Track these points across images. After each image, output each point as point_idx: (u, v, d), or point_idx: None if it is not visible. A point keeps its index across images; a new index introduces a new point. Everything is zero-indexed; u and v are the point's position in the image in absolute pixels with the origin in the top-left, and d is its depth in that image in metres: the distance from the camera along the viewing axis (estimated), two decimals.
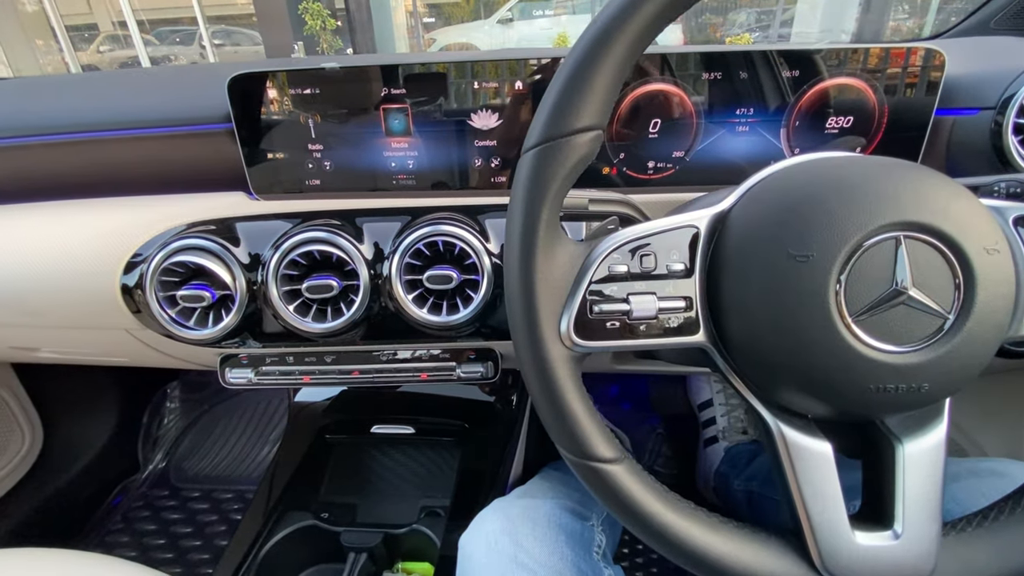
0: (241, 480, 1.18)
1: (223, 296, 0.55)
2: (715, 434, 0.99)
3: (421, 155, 0.57)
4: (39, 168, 0.65)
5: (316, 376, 0.62)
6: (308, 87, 0.55)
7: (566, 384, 0.32)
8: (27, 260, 0.59)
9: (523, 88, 0.53)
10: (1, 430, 1.02)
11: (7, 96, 0.69)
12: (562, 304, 0.33)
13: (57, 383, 1.09)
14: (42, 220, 0.62)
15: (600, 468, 0.32)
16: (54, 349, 0.69)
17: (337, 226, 0.54)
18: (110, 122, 0.62)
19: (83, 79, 0.75)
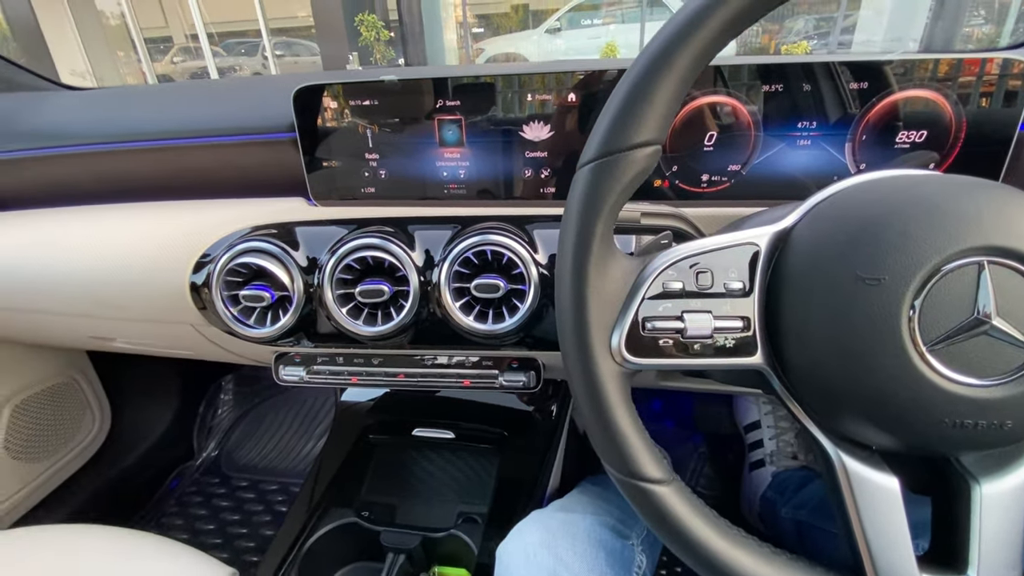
0: (286, 473, 1.23)
1: (281, 297, 0.57)
2: (762, 457, 0.95)
3: (472, 165, 0.58)
4: (122, 172, 0.70)
5: (363, 377, 0.64)
6: (367, 99, 0.57)
7: (615, 401, 0.32)
8: (109, 256, 0.64)
9: (575, 100, 0.53)
10: (75, 413, 1.10)
11: (95, 105, 0.76)
12: (614, 319, 0.33)
13: (125, 372, 1.17)
14: (123, 220, 0.67)
15: (648, 489, 0.32)
16: (127, 340, 0.75)
17: (390, 233, 0.56)
18: (184, 131, 0.66)
19: (161, 90, 0.81)
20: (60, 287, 0.65)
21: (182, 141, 0.66)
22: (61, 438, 1.06)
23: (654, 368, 0.33)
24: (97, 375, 1.13)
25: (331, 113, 0.58)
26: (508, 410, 0.81)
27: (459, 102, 0.56)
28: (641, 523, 0.61)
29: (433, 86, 0.55)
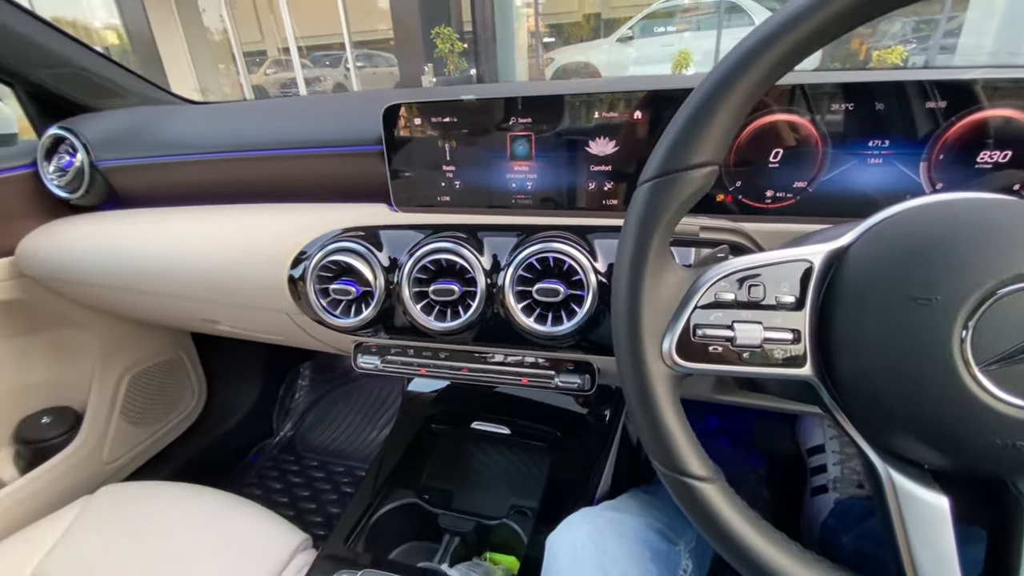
0: (352, 456, 1.32)
1: (365, 292, 0.64)
2: (825, 483, 0.92)
3: (539, 177, 0.62)
4: (234, 177, 0.80)
5: (431, 369, 0.70)
6: (447, 116, 0.62)
7: (664, 400, 0.35)
8: (222, 249, 0.74)
9: (640, 118, 0.56)
10: (178, 387, 1.25)
11: (211, 119, 0.87)
12: (666, 325, 0.35)
13: (220, 354, 1.31)
14: (234, 218, 0.77)
15: (692, 484, 0.34)
16: (231, 324, 0.85)
17: (462, 238, 0.61)
18: (286, 143, 0.75)
19: (266, 106, 0.91)
20: (180, 274, 0.76)
21: (284, 152, 0.75)
22: (166, 408, 1.21)
23: (702, 372, 0.35)
24: (198, 355, 1.28)
25: (414, 128, 0.64)
26: (563, 411, 0.84)
27: (530, 119, 0.60)
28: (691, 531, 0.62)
29: (506, 104, 0.60)
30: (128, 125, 0.88)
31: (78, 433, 1.01)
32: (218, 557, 0.71)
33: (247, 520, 0.77)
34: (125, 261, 0.80)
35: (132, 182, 0.87)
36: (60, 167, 0.87)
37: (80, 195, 0.86)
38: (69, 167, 0.85)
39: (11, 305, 0.89)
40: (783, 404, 0.62)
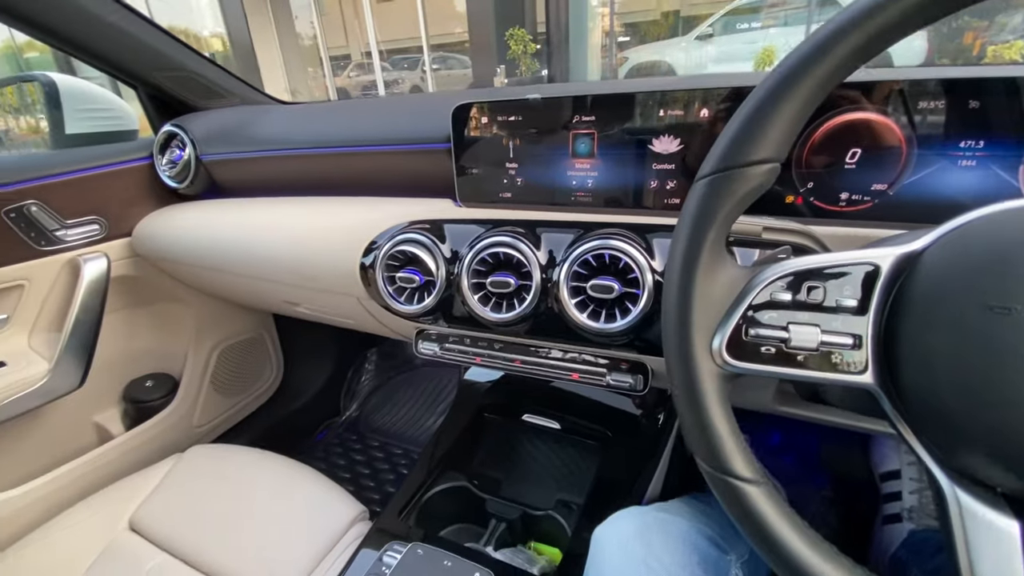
0: (410, 440, 1.38)
1: (427, 281, 0.67)
2: (899, 512, 0.85)
3: (601, 175, 0.62)
4: (317, 171, 0.87)
5: (485, 359, 0.72)
6: (513, 114, 0.65)
7: (711, 397, 0.34)
8: (304, 237, 0.80)
9: (706, 116, 0.55)
10: (259, 363, 1.36)
11: (299, 118, 0.95)
12: (717, 322, 0.35)
13: (296, 336, 1.41)
14: (315, 209, 0.84)
15: (736, 485, 0.34)
16: (309, 306, 0.92)
17: (520, 233, 0.63)
18: (363, 140, 0.81)
19: (346, 106, 0.98)
20: (267, 258, 0.84)
21: (361, 148, 0.81)
22: (248, 381, 1.33)
23: (753, 373, 0.34)
24: (278, 336, 1.39)
25: (481, 126, 0.67)
26: (615, 411, 0.84)
27: (593, 117, 0.61)
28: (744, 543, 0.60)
29: (570, 102, 0.61)
30: (228, 123, 0.98)
31: (174, 397, 1.13)
32: (285, 518, 0.77)
33: (313, 488, 0.83)
34: (220, 245, 0.90)
35: (229, 174, 0.96)
36: (171, 160, 0.98)
37: (186, 185, 0.97)
38: (179, 160, 0.96)
39: (126, 280, 1.02)
40: (850, 420, 0.59)
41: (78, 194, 0.92)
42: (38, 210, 0.87)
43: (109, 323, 0.97)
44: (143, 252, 1.00)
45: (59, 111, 0.96)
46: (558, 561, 0.71)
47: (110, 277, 0.96)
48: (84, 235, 0.94)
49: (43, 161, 0.89)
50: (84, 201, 0.93)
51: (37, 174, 0.87)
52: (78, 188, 0.92)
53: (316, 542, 0.74)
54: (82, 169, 0.92)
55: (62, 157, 0.92)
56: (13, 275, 0.87)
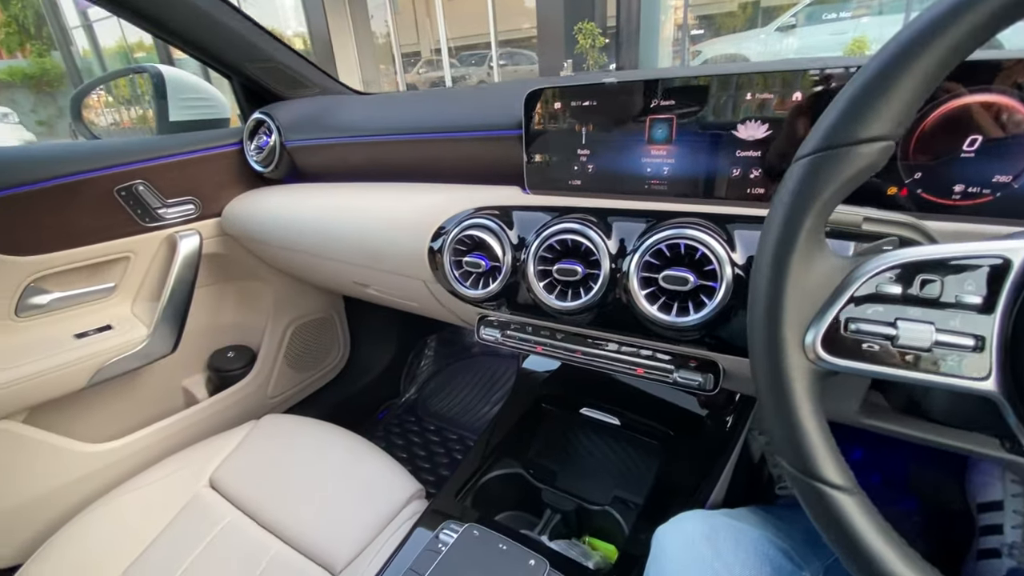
0: (464, 427, 1.41)
1: (493, 267, 0.68)
2: (997, 547, 0.76)
3: (678, 162, 0.60)
4: (389, 158, 0.90)
5: (546, 348, 0.71)
6: (587, 99, 0.63)
7: (800, 395, 0.32)
8: (376, 220, 0.83)
9: (799, 99, 0.51)
10: (328, 342, 1.43)
11: (374, 107, 0.98)
12: (811, 315, 0.32)
13: (363, 318, 1.47)
14: (387, 194, 0.86)
15: (826, 492, 0.31)
16: (378, 288, 0.96)
17: (591, 220, 0.61)
18: (434, 127, 0.82)
19: (419, 95, 1.01)
20: (342, 240, 0.87)
21: (432, 136, 0.82)
22: (317, 358, 1.40)
23: (851, 371, 0.32)
24: (346, 318, 1.46)
25: (553, 112, 0.66)
26: (679, 410, 0.81)
27: (673, 101, 0.58)
28: (822, 559, 0.55)
29: (648, 86, 0.59)
30: (310, 111, 1.03)
31: (252, 369, 1.21)
32: (348, 490, 0.81)
33: (374, 464, 0.86)
34: (300, 227, 0.94)
35: (310, 160, 1.01)
36: (259, 146, 1.04)
37: (271, 169, 1.03)
38: (265, 146, 1.02)
39: (215, 258, 1.10)
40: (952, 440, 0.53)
41: (178, 176, 1.00)
42: (144, 189, 0.96)
43: (198, 297, 1.05)
44: (231, 231, 1.08)
45: (164, 100, 1.05)
46: (613, 558, 0.70)
47: (202, 254, 1.04)
48: (181, 214, 1.02)
49: (149, 145, 0.98)
50: (182, 182, 1.01)
51: (144, 156, 0.96)
52: (178, 170, 1.00)
53: (375, 515, 0.76)
54: (182, 153, 1.00)
55: (165, 142, 1.00)
56: (122, 248, 0.96)
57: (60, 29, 12.91)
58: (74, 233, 0.89)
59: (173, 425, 1.07)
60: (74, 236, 0.89)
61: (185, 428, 1.08)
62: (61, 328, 0.92)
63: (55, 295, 0.91)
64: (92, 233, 0.91)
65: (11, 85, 12.48)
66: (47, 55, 13.81)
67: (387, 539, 0.73)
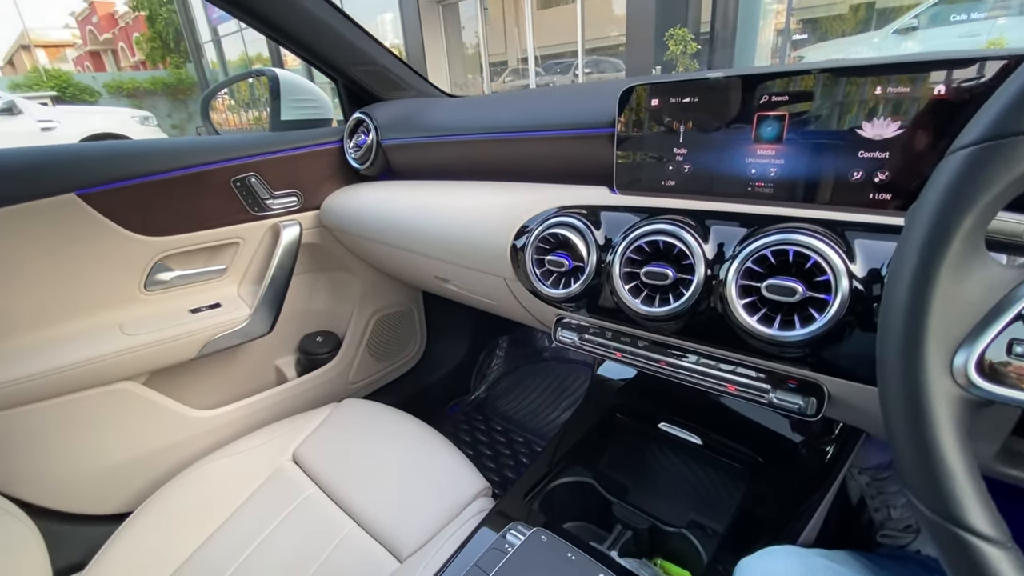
0: (531, 431, 1.39)
1: (576, 267, 0.66)
2: None
3: (788, 163, 0.55)
4: (476, 157, 0.91)
5: (626, 355, 0.68)
6: (688, 96, 0.60)
7: (944, 425, 0.27)
8: (461, 217, 0.84)
9: (945, 93, 0.45)
10: (406, 335, 1.48)
11: (465, 108, 1.00)
12: (964, 334, 0.28)
13: (440, 314, 1.51)
14: (472, 192, 0.87)
15: (974, 543, 0.26)
16: (457, 283, 0.97)
17: (686, 223, 0.58)
18: (522, 126, 0.82)
19: (506, 96, 1.01)
20: (428, 234, 0.90)
21: (518, 134, 0.82)
22: (395, 349, 1.45)
23: (1015, 403, 0.26)
24: (424, 312, 1.50)
25: (649, 109, 0.63)
26: (768, 433, 0.74)
27: (785, 97, 0.54)
28: None
29: (758, 81, 0.54)
30: (405, 111, 1.08)
31: (337, 354, 1.28)
32: (418, 479, 0.82)
33: (445, 457, 0.87)
34: (390, 221, 0.98)
35: (403, 158, 1.05)
36: (357, 144, 1.10)
37: (367, 167, 1.09)
38: (363, 144, 1.08)
39: (311, 248, 1.18)
40: None
41: (284, 170, 1.08)
42: (256, 181, 1.04)
43: (295, 283, 1.13)
44: (327, 223, 1.15)
45: (278, 100, 1.14)
46: None
47: (301, 243, 1.11)
48: (285, 205, 1.10)
49: (262, 140, 1.07)
50: (288, 176, 1.09)
51: (257, 151, 1.04)
52: (285, 165, 1.08)
53: (442, 508, 0.77)
54: (289, 148, 1.08)
55: (276, 138, 1.09)
56: (233, 233, 1.05)
57: (194, 44, 14.66)
58: (196, 218, 0.99)
59: (264, 400, 1.15)
60: (195, 220, 0.99)
61: (274, 404, 1.16)
62: (179, 303, 1.02)
63: (176, 273, 1.01)
64: (210, 218, 1.01)
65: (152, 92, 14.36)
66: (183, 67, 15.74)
67: (452, 533, 0.74)
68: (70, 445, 0.90)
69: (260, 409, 1.14)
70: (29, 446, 0.87)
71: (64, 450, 0.90)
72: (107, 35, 26.21)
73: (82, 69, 25.15)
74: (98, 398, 0.92)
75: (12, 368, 0.82)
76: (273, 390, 1.17)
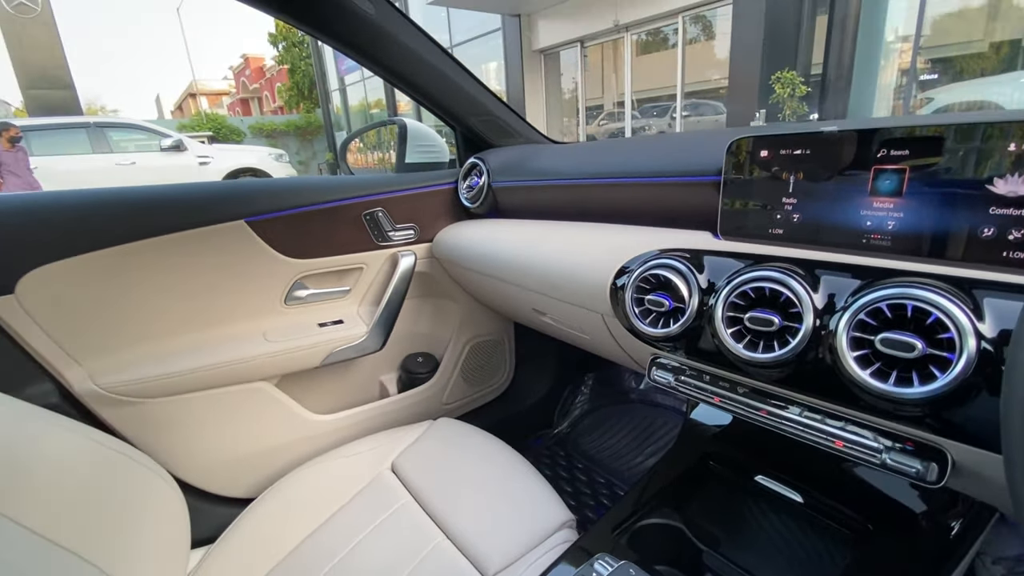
0: (613, 472, 1.38)
1: (676, 308, 0.68)
2: None
3: (908, 216, 0.54)
4: (581, 199, 0.97)
5: (724, 400, 0.68)
6: (800, 148, 0.61)
7: None
8: (563, 254, 0.90)
9: None
10: (496, 363, 1.54)
11: (570, 154, 1.07)
12: None
13: (529, 347, 1.56)
14: (576, 232, 0.93)
15: None
16: (553, 317, 1.02)
17: (795, 271, 0.58)
18: (625, 172, 0.87)
19: (608, 143, 1.08)
20: (531, 269, 0.96)
21: (623, 180, 0.87)
22: (485, 376, 1.52)
23: None
24: (515, 344, 1.56)
25: (758, 160, 0.65)
26: (882, 498, 0.69)
27: (906, 151, 0.54)
28: None
29: (877, 134, 0.55)
30: (514, 157, 1.18)
31: (434, 375, 1.38)
32: (505, 502, 0.86)
33: (532, 484, 0.90)
34: (494, 255, 1.07)
35: (509, 199, 1.14)
36: (470, 185, 1.22)
37: (477, 206, 1.19)
38: (475, 186, 1.19)
39: (422, 276, 1.29)
40: None
41: (406, 206, 1.22)
42: (382, 215, 1.18)
43: (404, 307, 1.25)
44: (438, 255, 1.26)
45: (404, 146, 1.30)
46: None
47: (414, 271, 1.23)
48: (404, 237, 1.23)
49: (389, 180, 1.21)
50: (408, 212, 1.23)
51: (385, 189, 1.19)
52: (407, 202, 1.22)
53: (528, 532, 0.80)
54: (411, 188, 1.22)
55: (401, 178, 1.23)
56: (359, 260, 1.19)
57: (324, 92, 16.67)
58: (331, 244, 1.14)
59: (368, 411, 1.26)
60: (330, 247, 1.15)
61: (376, 416, 1.27)
62: (310, 317, 1.17)
63: (310, 291, 1.17)
64: (342, 246, 1.16)
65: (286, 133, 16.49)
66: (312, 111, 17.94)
67: (536, 559, 0.76)
68: (213, 432, 1.06)
69: (364, 419, 1.25)
70: (183, 428, 1.03)
71: (208, 436, 1.05)
72: (255, 85, 30.67)
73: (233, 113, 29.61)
74: (239, 394, 1.07)
75: (181, 361, 0.99)
76: (377, 403, 1.28)
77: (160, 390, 0.97)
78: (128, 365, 0.94)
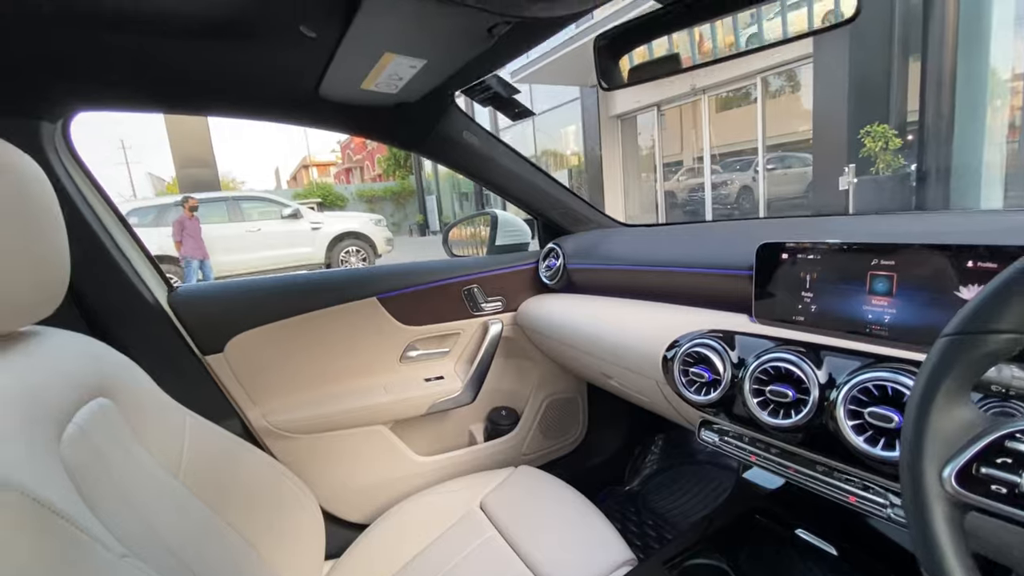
0: (677, 528, 1.46)
1: (714, 379, 0.84)
2: None
3: (899, 313, 0.68)
4: (639, 281, 1.16)
5: (759, 458, 0.82)
6: (811, 254, 0.78)
7: (937, 514, 0.40)
8: (625, 327, 1.09)
9: None
10: (570, 419, 1.71)
11: (633, 240, 1.27)
12: (948, 455, 0.42)
13: (601, 406, 1.71)
14: (635, 309, 1.12)
15: None
16: (618, 380, 1.20)
17: (803, 353, 0.73)
18: (679, 262, 1.05)
19: (667, 231, 1.26)
20: (599, 338, 1.16)
21: (677, 269, 1.06)
22: (560, 431, 1.68)
23: (982, 507, 0.39)
24: (588, 402, 1.73)
25: (781, 261, 0.82)
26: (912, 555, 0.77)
27: (893, 262, 0.69)
28: None
29: (869, 249, 0.70)
30: (586, 243, 1.40)
31: (515, 428, 1.57)
32: (577, 540, 1.01)
33: (601, 525, 1.05)
34: (569, 325, 1.28)
35: (582, 278, 1.36)
36: (548, 265, 1.46)
37: (554, 283, 1.42)
38: (553, 266, 1.43)
39: (507, 340, 1.53)
40: None
41: (495, 282, 1.48)
42: (477, 290, 1.45)
43: (492, 366, 1.47)
44: (520, 323, 1.50)
45: (495, 231, 1.58)
46: None
47: (501, 337, 1.47)
48: (493, 308, 1.48)
49: (483, 262, 1.49)
50: (497, 287, 1.48)
51: (480, 269, 1.46)
52: (496, 279, 1.48)
53: (594, 565, 0.94)
54: (500, 268, 1.48)
55: (492, 260, 1.50)
56: (457, 327, 1.46)
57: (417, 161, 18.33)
58: (437, 314, 1.42)
59: (459, 456, 1.47)
60: (436, 316, 1.42)
61: (466, 460, 1.48)
62: (418, 373, 1.43)
63: (419, 352, 1.44)
64: (445, 315, 1.43)
65: (383, 199, 18.24)
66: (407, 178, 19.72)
67: None
68: (343, 465, 1.32)
69: (456, 463, 1.47)
70: (322, 460, 1.30)
71: (339, 467, 1.32)
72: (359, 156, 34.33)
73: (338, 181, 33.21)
74: (363, 435, 1.33)
75: (324, 406, 1.27)
76: (466, 448, 1.49)
77: (309, 428, 1.26)
78: (288, 408, 1.25)
